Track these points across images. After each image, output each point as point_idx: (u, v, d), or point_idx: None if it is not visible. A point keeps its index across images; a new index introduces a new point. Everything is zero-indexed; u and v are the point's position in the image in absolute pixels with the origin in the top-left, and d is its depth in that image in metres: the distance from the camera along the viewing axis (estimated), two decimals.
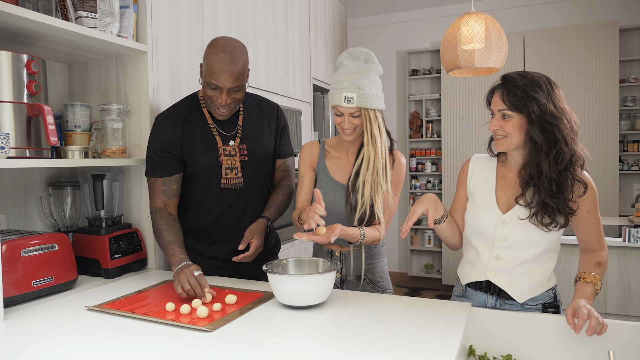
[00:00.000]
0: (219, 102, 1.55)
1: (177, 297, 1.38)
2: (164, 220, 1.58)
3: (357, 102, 1.46)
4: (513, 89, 1.30)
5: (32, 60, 1.42)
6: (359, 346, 1.02)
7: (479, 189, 1.44)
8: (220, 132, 1.67)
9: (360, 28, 5.45)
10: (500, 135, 1.34)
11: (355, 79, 1.46)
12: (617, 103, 4.24)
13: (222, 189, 1.66)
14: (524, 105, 1.28)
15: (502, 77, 1.37)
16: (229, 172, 1.66)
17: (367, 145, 1.52)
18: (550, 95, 1.30)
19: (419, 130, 5.19)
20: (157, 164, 1.62)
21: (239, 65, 1.52)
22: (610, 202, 4.28)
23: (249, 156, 1.69)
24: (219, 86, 1.52)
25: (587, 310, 1.14)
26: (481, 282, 1.41)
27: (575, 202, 1.31)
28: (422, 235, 5.26)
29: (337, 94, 1.48)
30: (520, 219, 1.33)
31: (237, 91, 1.56)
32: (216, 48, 1.52)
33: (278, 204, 1.74)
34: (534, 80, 1.31)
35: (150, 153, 1.63)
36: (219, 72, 1.50)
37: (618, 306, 2.38)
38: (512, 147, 1.35)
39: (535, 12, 4.73)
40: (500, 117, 1.33)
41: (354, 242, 1.51)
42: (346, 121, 1.50)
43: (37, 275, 1.40)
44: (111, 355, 0.99)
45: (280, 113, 1.82)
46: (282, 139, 1.81)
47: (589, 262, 1.34)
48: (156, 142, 1.62)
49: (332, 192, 1.60)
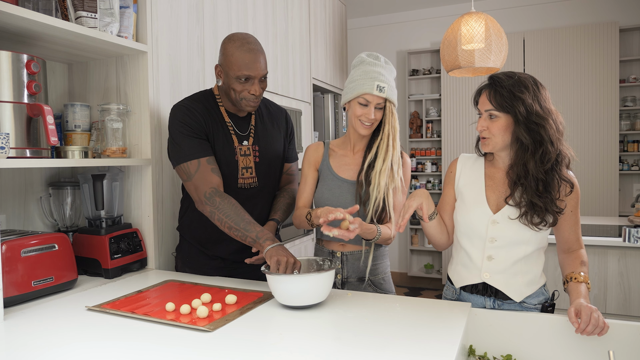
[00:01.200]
0: (252, 94, 1.55)
1: (177, 297, 1.38)
2: (234, 201, 1.48)
3: (387, 93, 1.51)
4: (500, 90, 1.32)
5: (32, 60, 1.42)
6: (359, 346, 1.02)
7: (468, 189, 1.44)
8: (237, 131, 1.66)
9: (360, 28, 5.45)
10: (486, 135, 1.36)
11: (383, 72, 1.52)
12: (617, 103, 4.24)
13: (239, 188, 1.65)
14: (510, 106, 1.30)
15: (489, 77, 1.39)
16: (245, 171, 1.65)
17: (386, 137, 1.54)
18: (537, 95, 1.31)
19: (419, 130, 5.19)
20: (197, 144, 1.53)
21: (264, 52, 1.58)
22: (610, 202, 4.28)
23: (260, 157, 1.69)
24: (252, 76, 1.53)
25: (590, 312, 1.15)
26: (477, 285, 1.41)
27: (563, 201, 1.33)
28: (422, 235, 5.26)
29: (368, 82, 1.50)
30: (510, 218, 1.34)
31: (265, 80, 1.59)
32: (239, 41, 1.54)
33: (285, 207, 1.74)
34: (520, 81, 1.32)
35: (184, 137, 1.53)
36: (251, 62, 1.52)
37: (618, 306, 2.38)
38: (497, 147, 1.36)
39: (535, 12, 4.73)
40: (487, 118, 1.35)
41: (371, 238, 1.50)
42: (372, 111, 1.52)
43: (37, 275, 1.40)
44: (111, 355, 0.99)
45: (289, 118, 1.84)
46: (289, 143, 1.83)
47: (574, 262, 1.34)
48: (186, 125, 1.54)
49: (337, 189, 1.60)
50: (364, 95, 1.51)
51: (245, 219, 1.45)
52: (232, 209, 1.47)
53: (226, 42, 1.57)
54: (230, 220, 1.46)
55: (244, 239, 1.44)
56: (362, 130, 1.55)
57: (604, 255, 2.40)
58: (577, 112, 4.35)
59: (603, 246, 2.39)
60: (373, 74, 1.50)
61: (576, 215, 1.37)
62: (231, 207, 1.47)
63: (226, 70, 1.55)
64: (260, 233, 1.42)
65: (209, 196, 1.49)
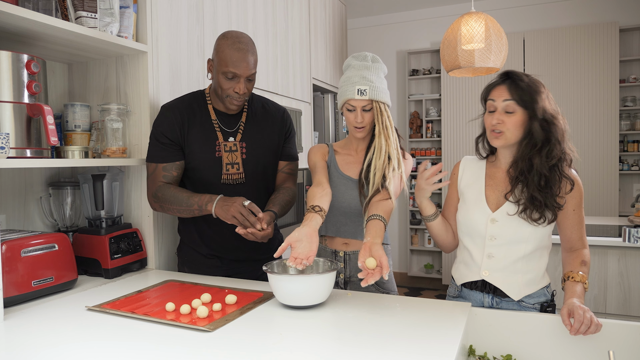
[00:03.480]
0: (236, 92, 1.58)
1: (177, 297, 1.38)
2: (172, 187, 1.61)
3: (369, 94, 1.51)
4: (521, 84, 1.34)
5: (32, 60, 1.42)
6: (359, 346, 1.02)
7: (469, 189, 1.47)
8: (222, 128, 1.69)
9: (360, 28, 5.45)
10: (501, 129, 1.36)
11: (366, 74, 1.52)
12: (617, 103, 4.24)
13: (223, 184, 1.67)
14: (531, 101, 1.32)
15: (504, 73, 1.40)
16: (230, 167, 1.67)
17: (378, 136, 1.55)
18: (548, 96, 1.36)
19: (419, 130, 5.19)
20: (159, 149, 1.64)
21: (254, 54, 1.60)
22: (610, 202, 4.28)
23: (248, 154, 1.70)
24: (238, 74, 1.56)
25: (582, 312, 1.15)
26: (476, 282, 1.43)
27: (563, 197, 1.34)
28: (422, 235, 5.26)
29: (349, 88, 1.52)
30: (509, 214, 1.36)
31: (252, 80, 1.62)
32: (231, 39, 1.57)
33: (283, 203, 1.73)
34: (534, 81, 1.36)
35: (152, 139, 1.66)
36: (238, 60, 1.54)
37: (618, 306, 2.38)
38: (510, 142, 1.37)
39: (535, 12, 4.73)
40: (503, 112, 1.35)
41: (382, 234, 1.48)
42: (358, 115, 1.53)
43: (37, 275, 1.39)
44: (111, 355, 0.99)
45: (287, 116, 1.84)
46: (286, 141, 1.82)
47: (574, 261, 1.35)
48: (158, 129, 1.65)
49: (342, 186, 1.62)
50: (348, 101, 1.54)
51: (184, 196, 1.57)
52: (171, 195, 1.59)
53: (220, 38, 1.61)
54: (175, 204, 1.58)
55: (192, 213, 1.57)
56: (356, 134, 1.59)
57: (604, 255, 2.40)
58: (577, 112, 4.35)
59: (603, 246, 2.39)
60: (355, 78, 1.52)
61: (579, 214, 1.38)
62: (170, 193, 1.59)
63: (216, 65, 1.60)
64: (200, 201, 1.53)
65: (152, 193, 1.64)
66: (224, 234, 1.68)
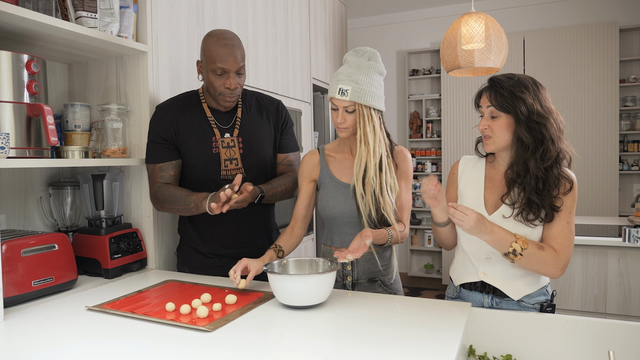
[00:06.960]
0: (227, 88, 1.60)
1: (177, 297, 1.38)
2: (170, 187, 1.63)
3: (350, 96, 1.42)
4: (500, 90, 1.34)
5: (32, 60, 1.42)
6: (359, 346, 1.02)
7: (468, 190, 1.46)
8: (218, 124, 1.70)
9: (360, 28, 5.45)
10: (488, 135, 1.37)
11: (353, 73, 1.44)
12: (617, 103, 4.24)
13: (224, 180, 1.68)
14: (511, 106, 1.32)
15: (489, 79, 1.41)
16: (229, 163, 1.68)
17: (359, 143, 1.47)
18: (537, 95, 1.33)
19: (419, 130, 5.19)
20: (155, 150, 1.67)
21: (241, 48, 1.62)
22: (610, 202, 4.28)
23: (245, 149, 1.71)
24: (227, 69, 1.57)
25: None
26: (475, 283, 1.42)
27: (560, 199, 1.32)
28: (422, 235, 5.27)
29: (333, 86, 1.47)
30: (504, 217, 1.35)
31: (241, 75, 1.63)
32: (215, 37, 1.59)
33: (277, 185, 1.71)
34: (520, 82, 1.34)
35: (149, 140, 1.69)
36: (225, 55, 1.56)
37: (618, 306, 2.38)
38: (500, 147, 1.37)
39: (535, 12, 4.73)
40: (489, 117, 1.37)
41: (384, 242, 1.47)
42: (339, 115, 1.46)
43: (37, 275, 1.39)
44: (111, 355, 0.99)
45: (282, 108, 1.84)
46: (283, 133, 1.82)
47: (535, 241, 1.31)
48: (153, 130, 1.68)
49: (341, 195, 1.54)
50: (331, 99, 1.48)
51: (182, 195, 1.59)
52: (170, 194, 1.61)
53: (205, 37, 1.62)
54: (174, 204, 1.61)
55: (191, 212, 1.59)
56: (339, 133, 1.51)
57: (604, 255, 2.40)
58: (577, 112, 4.35)
59: (603, 246, 2.39)
60: (341, 75, 1.45)
61: (567, 217, 1.32)
62: (169, 193, 1.62)
63: (204, 64, 1.62)
64: (196, 200, 1.56)
65: (153, 193, 1.66)
66: (224, 232, 1.68)
